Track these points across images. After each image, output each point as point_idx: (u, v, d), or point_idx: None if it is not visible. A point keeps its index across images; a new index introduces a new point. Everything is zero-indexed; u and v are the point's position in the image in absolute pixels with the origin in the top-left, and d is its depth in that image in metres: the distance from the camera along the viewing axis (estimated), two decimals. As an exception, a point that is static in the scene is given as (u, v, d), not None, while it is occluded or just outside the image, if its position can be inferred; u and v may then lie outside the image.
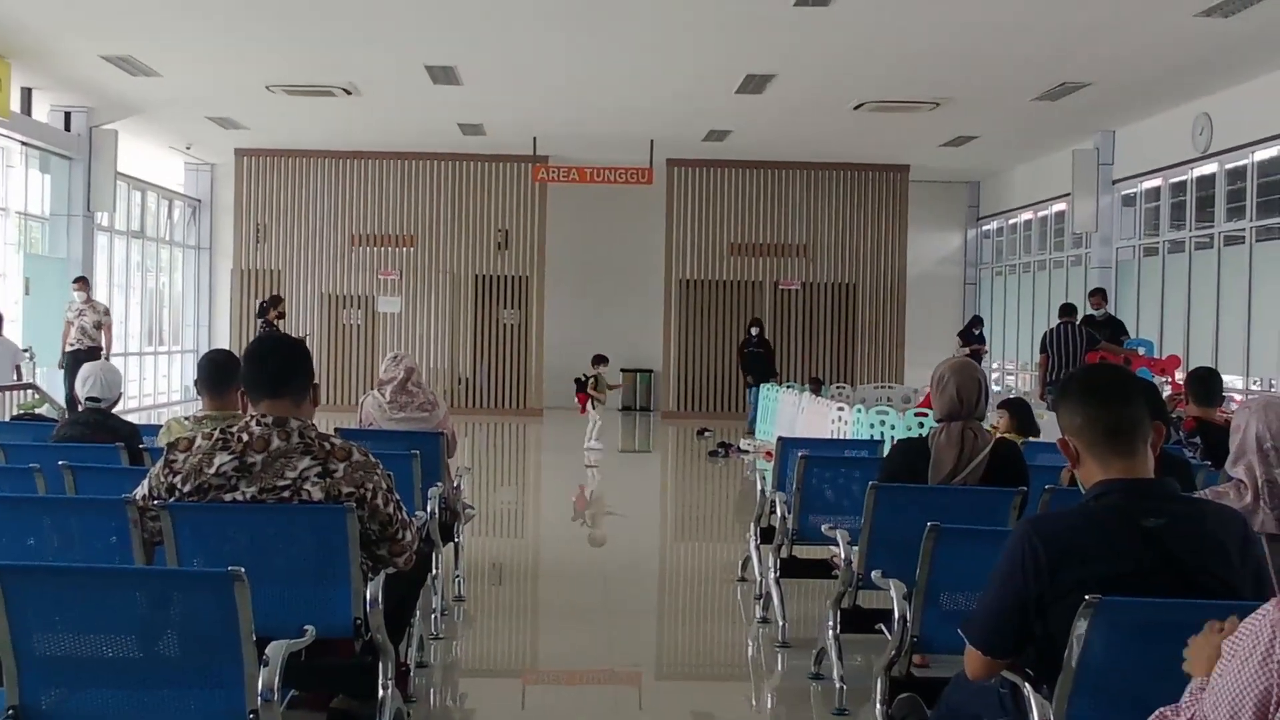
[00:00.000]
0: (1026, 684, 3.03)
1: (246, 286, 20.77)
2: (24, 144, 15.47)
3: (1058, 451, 6.46)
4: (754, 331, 17.89)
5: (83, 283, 14.61)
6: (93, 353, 13.27)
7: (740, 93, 14.72)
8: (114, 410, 6.32)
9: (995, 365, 21.46)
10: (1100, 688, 2.95)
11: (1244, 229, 14.15)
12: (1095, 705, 2.95)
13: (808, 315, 21.21)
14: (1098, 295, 14.87)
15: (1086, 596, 2.82)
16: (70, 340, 14.11)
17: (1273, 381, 13.42)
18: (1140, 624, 2.87)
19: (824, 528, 5.62)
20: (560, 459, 14.56)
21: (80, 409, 6.30)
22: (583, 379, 14.99)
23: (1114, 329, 14.39)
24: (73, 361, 13.91)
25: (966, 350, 18.20)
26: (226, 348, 7.40)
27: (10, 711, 3.13)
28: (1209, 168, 14.91)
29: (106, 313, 14.46)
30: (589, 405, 14.99)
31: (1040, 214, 20.28)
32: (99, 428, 6.03)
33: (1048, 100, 14.77)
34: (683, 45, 12.48)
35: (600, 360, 15.32)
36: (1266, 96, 13.33)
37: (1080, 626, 2.87)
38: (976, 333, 19.16)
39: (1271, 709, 2.19)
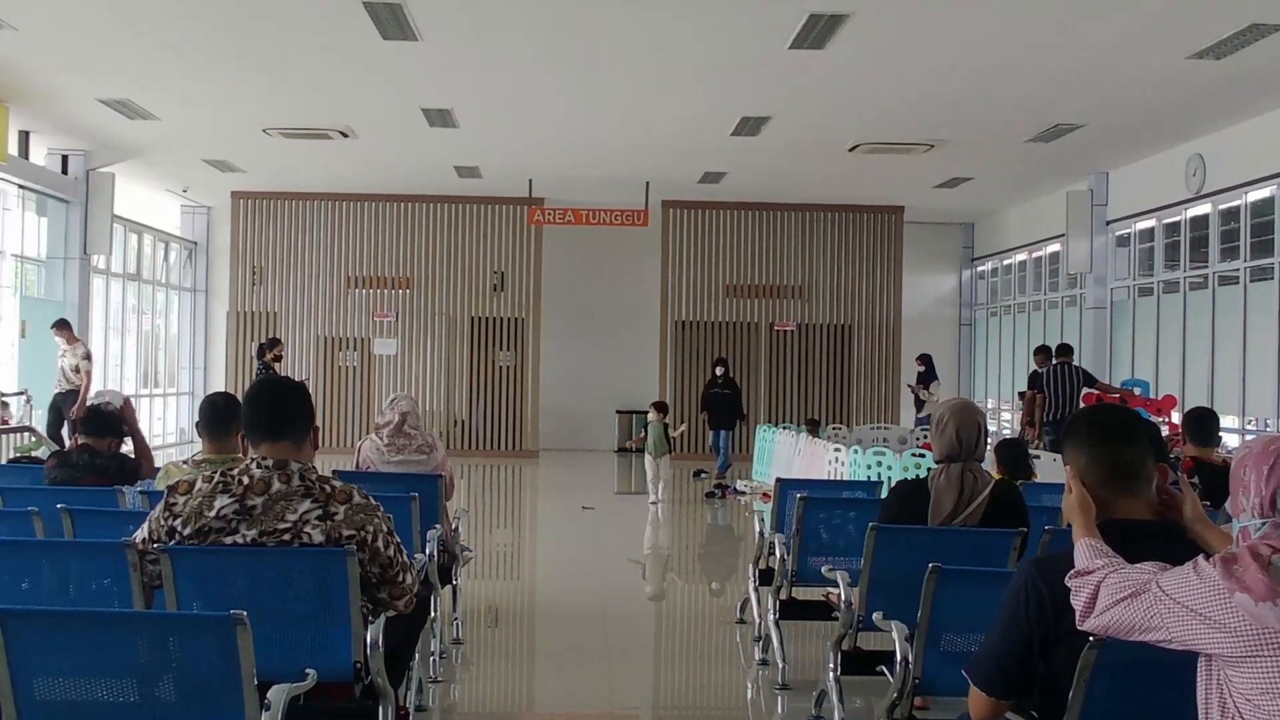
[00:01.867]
0: (1030, 724, 3.03)
1: (242, 329, 20.77)
2: (21, 187, 15.50)
3: (1057, 492, 6.48)
4: (719, 371, 17.65)
5: (61, 325, 14.47)
6: (71, 395, 13.22)
7: (735, 135, 14.81)
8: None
9: (990, 405, 21.44)
10: (1101, 724, 2.95)
11: (1238, 269, 14.19)
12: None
13: (804, 356, 21.22)
14: (1063, 349, 14.84)
15: (1091, 638, 2.83)
16: (55, 384, 14.07)
17: (1268, 421, 13.43)
18: (1143, 665, 2.87)
19: (824, 569, 5.60)
20: (557, 500, 14.51)
21: (74, 453, 6.28)
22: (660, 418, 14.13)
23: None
24: (55, 405, 13.90)
25: (929, 393, 18.19)
26: (226, 390, 7.42)
27: (8, 758, 3.12)
28: (1202, 208, 14.97)
29: (87, 356, 14.27)
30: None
31: (1035, 255, 20.35)
32: (88, 469, 6.03)
33: (1041, 142, 14.86)
34: (678, 88, 12.55)
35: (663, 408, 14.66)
36: (1258, 138, 13.42)
37: (1085, 669, 2.88)
38: (921, 370, 19.00)
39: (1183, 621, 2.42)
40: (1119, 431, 3.06)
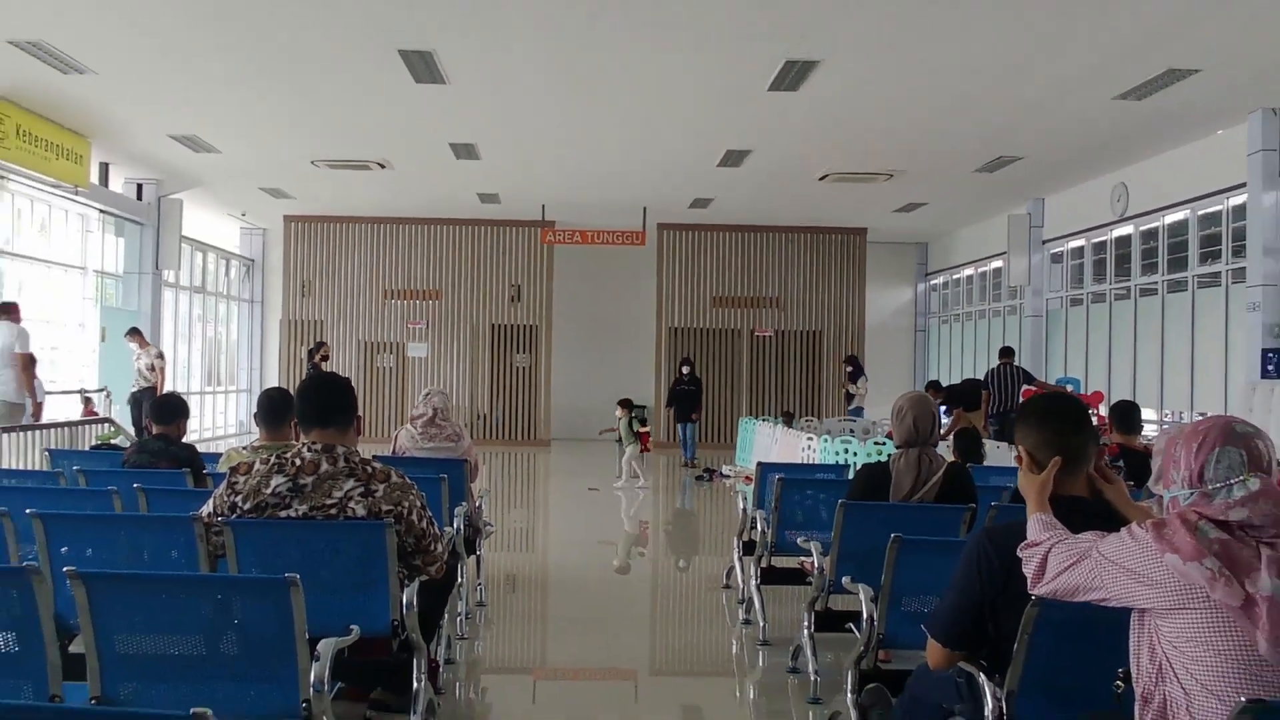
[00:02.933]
0: (981, 674, 3.03)
1: (293, 335, 20.79)
2: (102, 211, 15.52)
3: (1002, 474, 6.48)
4: (685, 371, 17.61)
5: (132, 333, 14.55)
6: (149, 392, 13.21)
7: (721, 166, 14.81)
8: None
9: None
10: (1042, 678, 2.95)
11: (1156, 282, 14.23)
12: (1037, 692, 2.95)
13: (780, 358, 21.22)
14: (1005, 352, 14.85)
15: (1032, 598, 2.83)
16: (132, 383, 14.12)
17: (1182, 413, 13.44)
18: (1076, 622, 2.87)
19: (799, 540, 5.62)
20: (566, 483, 14.51)
21: (148, 440, 6.29)
22: (643, 418, 13.99)
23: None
24: (134, 400, 13.91)
25: (856, 388, 18.22)
26: (280, 386, 7.37)
27: (93, 701, 3.12)
28: (1126, 229, 15.00)
29: (159, 356, 14.39)
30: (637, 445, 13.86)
31: (980, 270, 20.37)
32: (162, 454, 6.03)
33: (986, 172, 14.87)
34: (672, 124, 12.56)
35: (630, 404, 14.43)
36: (1175, 168, 13.46)
37: (1027, 624, 2.88)
38: (849, 370, 19.03)
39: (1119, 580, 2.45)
40: (1070, 419, 3.07)
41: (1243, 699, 2.09)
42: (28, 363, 11.08)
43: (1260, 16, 8.58)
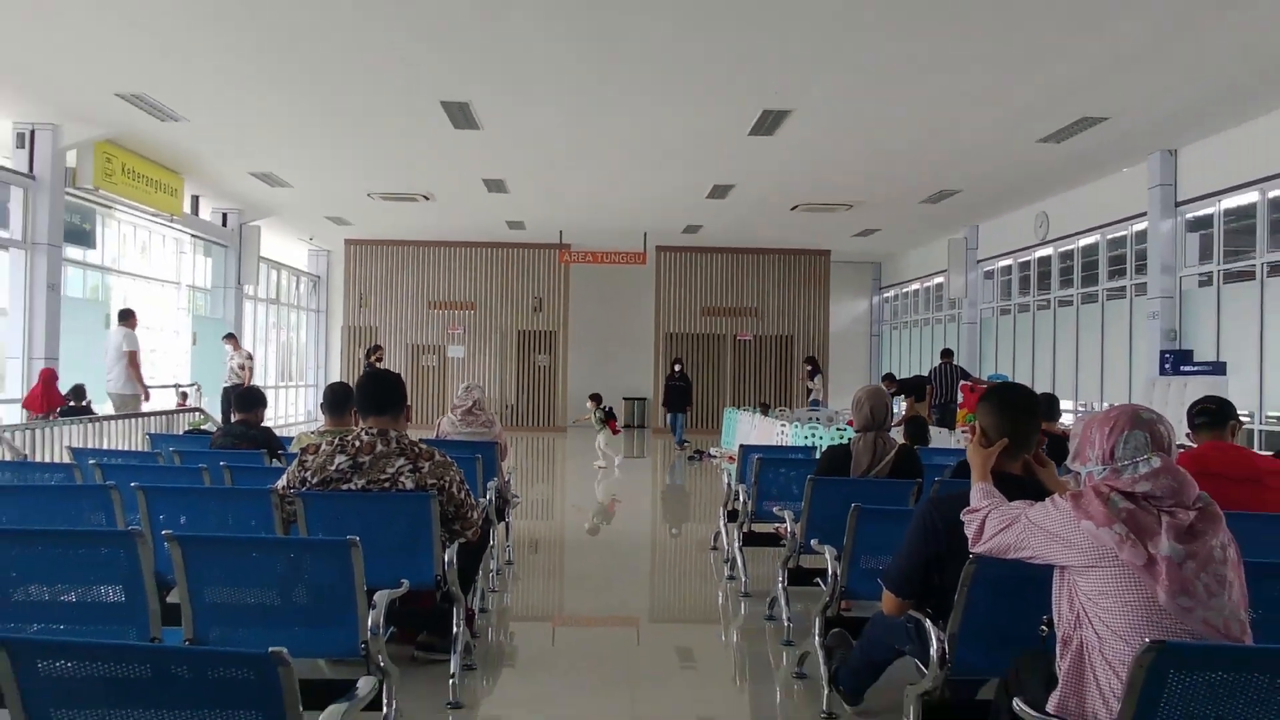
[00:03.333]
0: (927, 620, 3.03)
1: (352, 340, 20.78)
2: (193, 236, 15.53)
3: (944, 454, 6.45)
4: (676, 368, 17.48)
5: (229, 337, 14.66)
6: (237, 387, 13.25)
7: (710, 198, 14.82)
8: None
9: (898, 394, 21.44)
10: (979, 623, 2.94)
11: (1072, 295, 14.24)
12: (974, 635, 2.95)
13: (758, 358, 21.21)
14: (946, 353, 14.86)
15: (972, 557, 2.82)
16: (224, 379, 14.17)
17: (1095, 404, 13.46)
18: (1008, 578, 2.87)
19: (774, 509, 5.61)
20: (579, 463, 14.50)
21: (232, 425, 6.30)
22: (608, 410, 14.11)
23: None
24: (225, 393, 13.93)
25: (813, 384, 18.19)
26: (342, 381, 7.36)
27: (186, 642, 3.12)
28: (1046, 251, 15.01)
29: (249, 357, 14.48)
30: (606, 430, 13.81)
31: (925, 285, 20.37)
32: (243, 438, 6.03)
33: (930, 203, 14.87)
34: (668, 163, 12.57)
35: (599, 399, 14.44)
36: (1086, 199, 13.47)
37: (966, 578, 2.87)
38: (809, 369, 19.00)
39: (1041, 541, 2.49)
40: (1024, 411, 3.07)
41: (1146, 640, 2.08)
42: (132, 359, 11.13)
43: (1158, 74, 8.59)
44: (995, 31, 7.60)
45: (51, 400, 10.30)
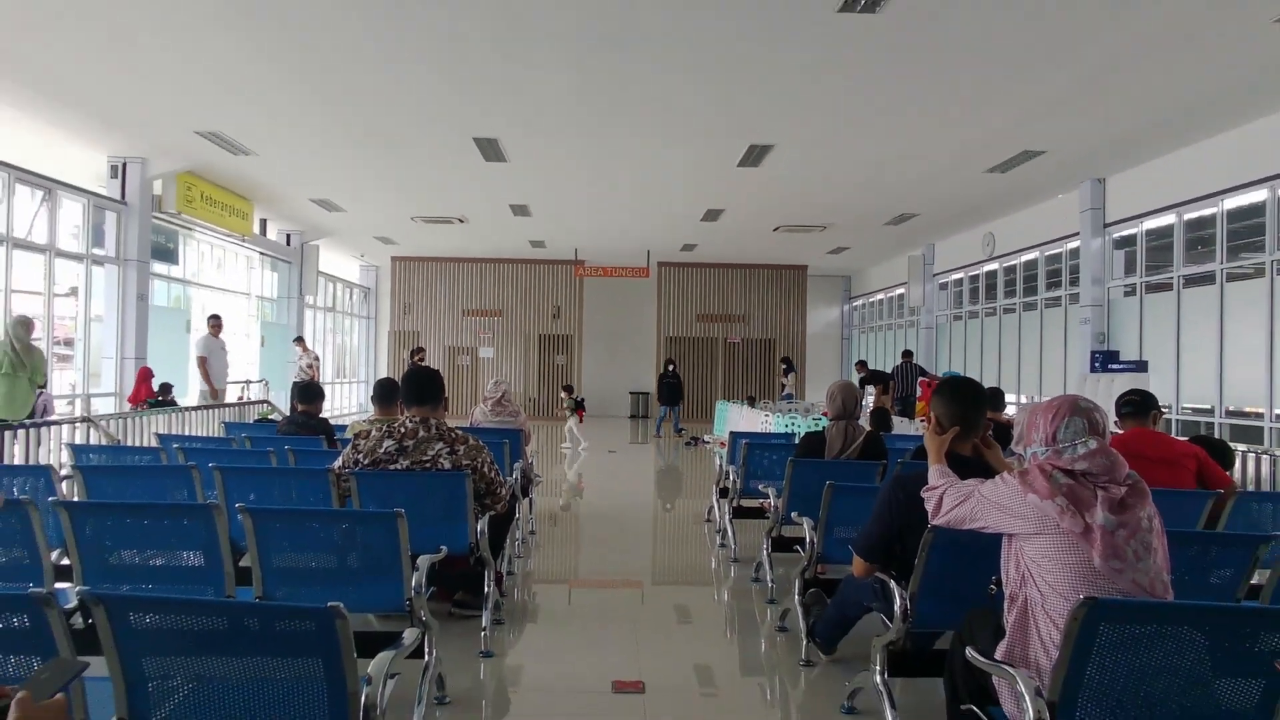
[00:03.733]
0: (892, 581, 3.02)
1: (397, 342, 20.79)
2: (261, 253, 15.54)
3: (905, 439, 6.43)
4: (670, 367, 17.23)
5: (298, 340, 14.74)
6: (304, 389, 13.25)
7: (703, 220, 14.80)
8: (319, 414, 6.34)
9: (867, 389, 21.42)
10: (936, 583, 2.94)
11: (1015, 304, 14.20)
12: (931, 594, 2.95)
13: (745, 358, 21.20)
14: (906, 353, 14.84)
15: (929, 527, 2.82)
16: (294, 375, 14.21)
17: (1035, 397, 13.41)
18: (960, 545, 2.86)
19: (760, 487, 5.61)
20: (592, 447, 14.49)
21: (295, 415, 6.31)
22: (579, 400, 14.16)
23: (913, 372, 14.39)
24: (294, 387, 13.95)
25: (786, 380, 18.19)
26: (389, 377, 7.29)
27: (256, 599, 3.12)
28: (992, 266, 14.96)
29: (316, 358, 14.58)
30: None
31: (888, 295, 20.32)
32: (305, 426, 6.04)
33: (893, 225, 14.84)
34: (668, 191, 12.56)
35: (570, 389, 14.62)
36: (1028, 221, 13.43)
37: (925, 546, 2.87)
38: (784, 367, 18.99)
39: (993, 515, 2.48)
40: (970, 402, 3.07)
41: (1082, 597, 2.08)
42: (201, 364, 11.16)
43: (1088, 114, 8.57)
44: (947, 78, 7.58)
45: (144, 393, 10.40)
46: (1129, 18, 6.29)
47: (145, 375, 10.61)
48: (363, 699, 2.05)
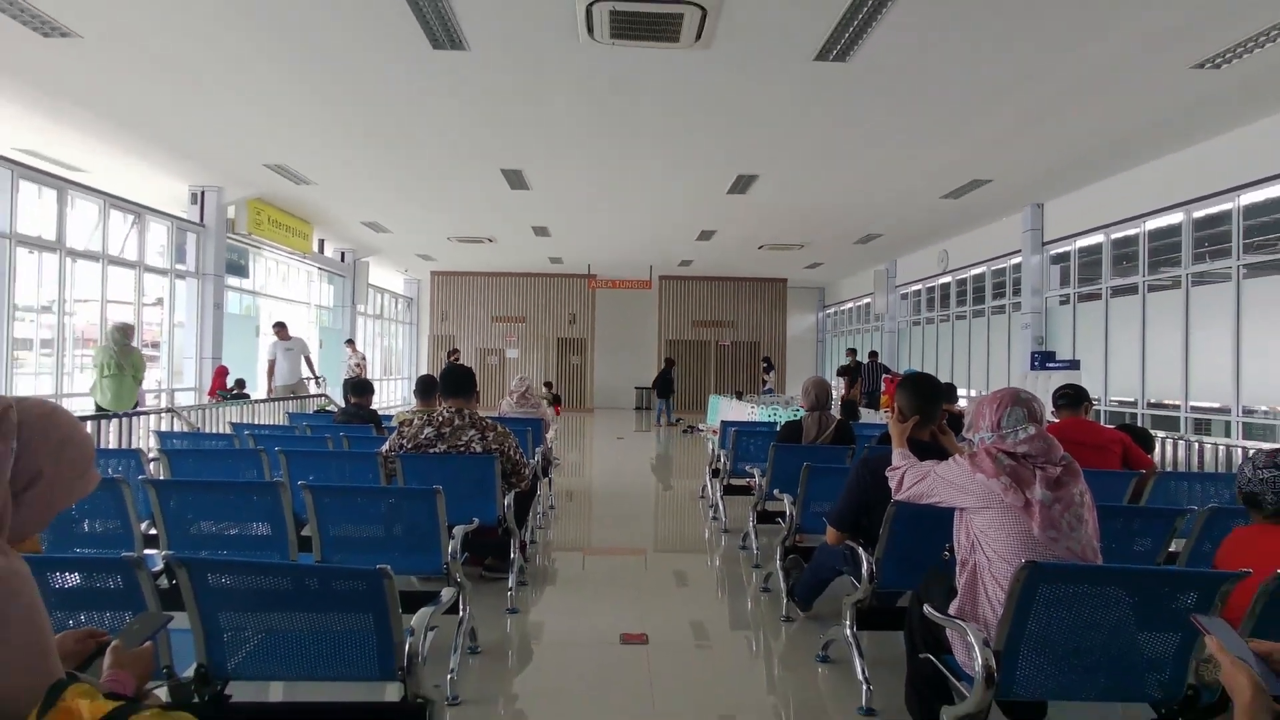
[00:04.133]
0: (860, 547, 3.01)
1: (436, 345, 20.78)
2: (319, 268, 15.55)
3: (871, 428, 6.39)
4: (665, 366, 17.27)
5: (349, 343, 14.71)
6: (355, 379, 13.22)
7: (698, 240, 14.76)
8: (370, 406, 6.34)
9: (834, 383, 21.34)
10: (898, 549, 2.93)
11: (965, 312, 14.13)
12: (894, 559, 2.94)
13: (734, 359, 21.15)
14: (872, 354, 14.83)
15: (892, 501, 2.81)
16: (345, 373, 14.20)
17: (981, 390, 13.36)
18: (917, 517, 2.86)
19: (746, 467, 5.60)
20: (604, 435, 14.48)
21: (348, 406, 6.32)
22: (555, 395, 14.04)
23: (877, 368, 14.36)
24: (346, 383, 13.94)
25: (767, 377, 18.14)
26: (429, 373, 7.28)
27: (317, 563, 3.13)
28: (947, 279, 14.90)
29: (363, 358, 14.55)
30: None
31: (857, 304, 20.24)
32: (356, 416, 6.04)
33: (861, 244, 14.80)
34: (669, 214, 12.53)
35: (550, 385, 14.69)
36: (977, 240, 13.37)
37: (889, 518, 2.86)
38: (765, 365, 18.93)
39: (947, 491, 2.44)
40: (928, 395, 3.07)
41: (1023, 561, 2.07)
42: (270, 366, 11.18)
43: (1029, 148, 8.54)
44: (907, 118, 7.56)
45: (219, 387, 10.45)
46: (1064, 65, 6.27)
47: (221, 373, 10.66)
48: (406, 648, 2.05)
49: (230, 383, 10.64)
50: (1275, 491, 2.28)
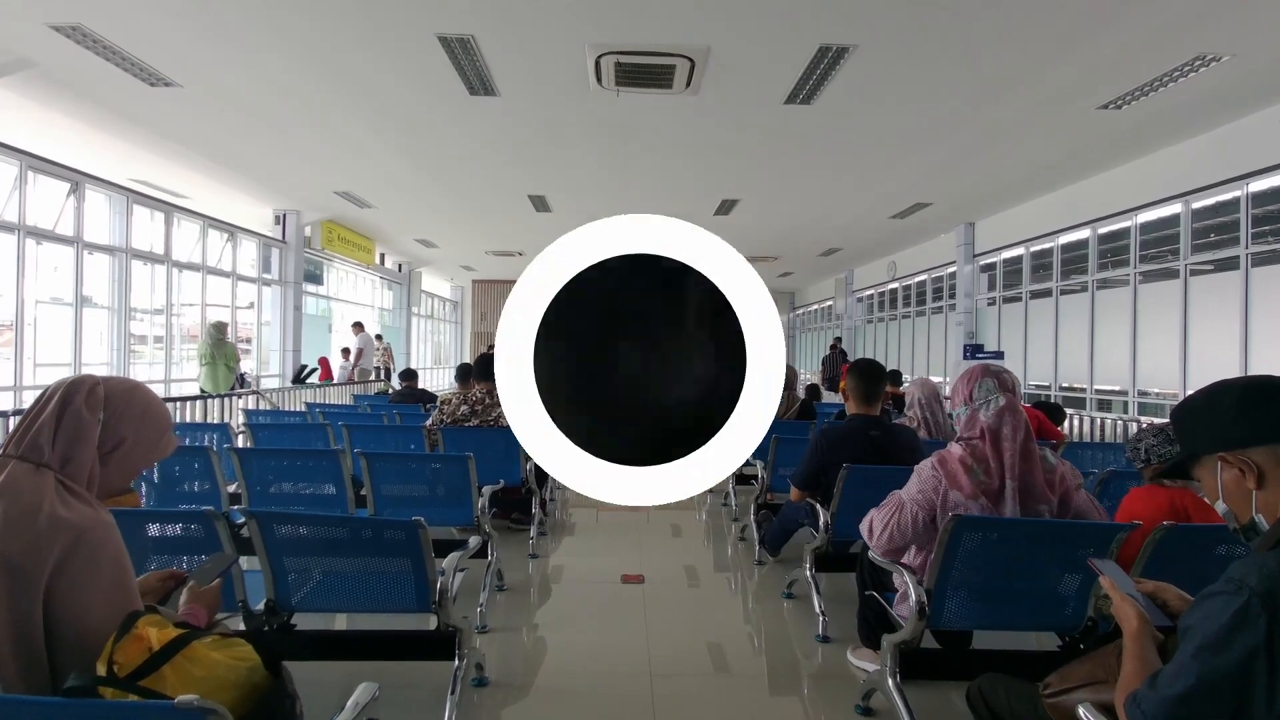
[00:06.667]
0: (818, 504, 2.98)
1: (477, 340, 20.74)
2: (380, 277, 15.52)
3: (830, 407, 6.33)
4: None
5: (358, 325, 12.22)
6: (379, 370, 12.50)
7: (690, 254, 14.66)
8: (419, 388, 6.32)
9: (803, 371, 21.25)
10: (850, 505, 2.90)
11: (910, 312, 14.03)
12: (846, 513, 2.91)
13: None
14: (834, 343, 14.74)
15: (844, 466, 2.78)
16: (374, 362, 13.73)
17: (935, 378, 13.26)
18: (866, 479, 2.82)
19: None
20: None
21: (402, 388, 6.30)
22: None
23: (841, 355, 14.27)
24: (400, 373, 13.81)
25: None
26: (467, 363, 7.29)
27: (370, 516, 3.11)
28: (894, 285, 14.79)
29: (387, 346, 12.67)
30: None
31: (821, 306, 20.11)
32: (409, 396, 6.02)
33: (824, 256, 14.69)
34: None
35: None
36: (919, 253, 13.26)
37: (842, 479, 2.83)
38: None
39: (922, 512, 2.13)
40: (872, 378, 3.02)
41: (950, 515, 2.02)
42: (344, 354, 11.17)
43: (963, 177, 8.43)
44: (861, 151, 7.47)
45: (326, 374, 10.57)
46: (992, 108, 6.19)
47: (326, 363, 10.83)
48: (439, 585, 2.03)
49: (303, 371, 10.64)
50: (1159, 457, 2.27)
